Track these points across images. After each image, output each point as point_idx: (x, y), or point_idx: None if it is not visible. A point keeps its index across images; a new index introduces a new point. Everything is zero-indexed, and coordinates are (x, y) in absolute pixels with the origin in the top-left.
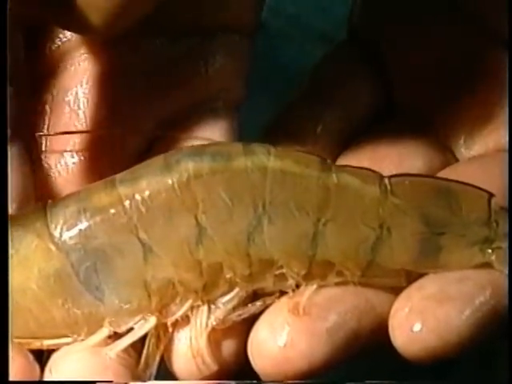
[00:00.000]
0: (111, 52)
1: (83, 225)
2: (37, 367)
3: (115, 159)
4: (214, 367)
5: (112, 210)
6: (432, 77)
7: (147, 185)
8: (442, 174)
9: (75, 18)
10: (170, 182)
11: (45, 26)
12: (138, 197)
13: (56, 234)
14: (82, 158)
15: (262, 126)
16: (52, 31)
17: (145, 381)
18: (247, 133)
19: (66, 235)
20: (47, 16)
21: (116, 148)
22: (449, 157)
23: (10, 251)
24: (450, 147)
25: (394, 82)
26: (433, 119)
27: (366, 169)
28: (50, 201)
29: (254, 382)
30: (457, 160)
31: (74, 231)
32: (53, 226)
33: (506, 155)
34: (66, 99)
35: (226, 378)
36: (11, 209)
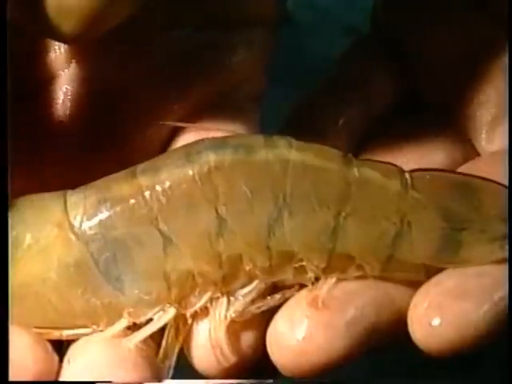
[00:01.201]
0: (134, 42)
1: (103, 215)
2: (55, 357)
3: (137, 150)
4: (233, 359)
5: (132, 201)
6: (454, 70)
7: (168, 176)
8: (463, 168)
9: (47, 25)
10: (190, 173)
11: None
12: (158, 188)
13: (76, 223)
14: (104, 149)
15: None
16: None
17: (164, 372)
18: (273, 126)
19: (86, 225)
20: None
21: (138, 139)
22: (470, 151)
23: (30, 240)
24: (472, 141)
25: (416, 75)
26: (455, 113)
27: (387, 163)
28: (69, 190)
29: (270, 381)
30: (478, 154)
31: (94, 221)
32: (73, 215)
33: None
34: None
35: (245, 370)
36: None
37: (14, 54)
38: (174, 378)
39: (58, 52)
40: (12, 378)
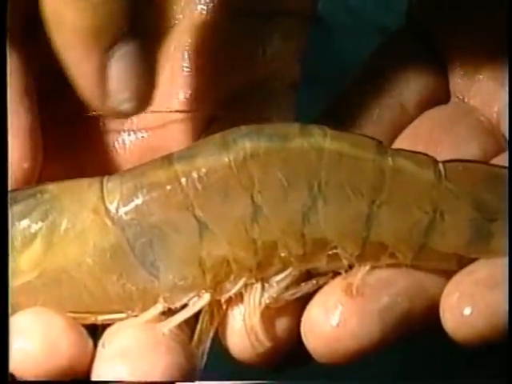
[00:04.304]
0: (171, 32)
1: (139, 200)
2: (90, 341)
3: (172, 139)
4: (268, 344)
5: (168, 187)
6: (486, 66)
7: (204, 163)
8: (495, 161)
9: None
10: (226, 160)
11: None
12: (194, 174)
13: (112, 209)
14: (140, 136)
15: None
16: None
17: (197, 357)
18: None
19: (123, 210)
20: None
21: (173, 127)
22: (503, 143)
23: (66, 225)
24: (505, 134)
25: (449, 69)
26: (487, 105)
27: (421, 153)
28: (106, 176)
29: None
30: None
31: (131, 207)
32: (109, 201)
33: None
34: None
35: (279, 356)
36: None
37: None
38: (208, 363)
39: None
40: (46, 361)
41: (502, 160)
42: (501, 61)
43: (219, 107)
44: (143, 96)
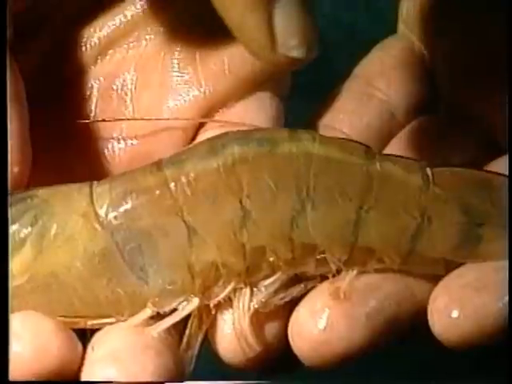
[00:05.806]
0: (159, 40)
1: (129, 205)
2: (79, 345)
3: (161, 146)
4: (258, 348)
5: (158, 192)
6: (476, 70)
7: (193, 168)
8: (485, 167)
9: None
10: (215, 165)
11: (94, 14)
12: (183, 179)
13: (102, 213)
14: (129, 144)
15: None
16: (100, 19)
17: (186, 361)
18: None
19: (112, 215)
20: None
21: (162, 134)
22: (495, 151)
23: (56, 230)
24: (495, 140)
25: (438, 75)
26: (478, 112)
27: (409, 158)
28: (95, 181)
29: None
30: (501, 153)
31: (120, 211)
32: (98, 205)
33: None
34: (114, 86)
35: (269, 360)
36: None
37: (42, 47)
38: (198, 366)
39: (84, 48)
40: (36, 363)
41: (492, 166)
42: (491, 68)
43: (208, 115)
44: (311, 41)
